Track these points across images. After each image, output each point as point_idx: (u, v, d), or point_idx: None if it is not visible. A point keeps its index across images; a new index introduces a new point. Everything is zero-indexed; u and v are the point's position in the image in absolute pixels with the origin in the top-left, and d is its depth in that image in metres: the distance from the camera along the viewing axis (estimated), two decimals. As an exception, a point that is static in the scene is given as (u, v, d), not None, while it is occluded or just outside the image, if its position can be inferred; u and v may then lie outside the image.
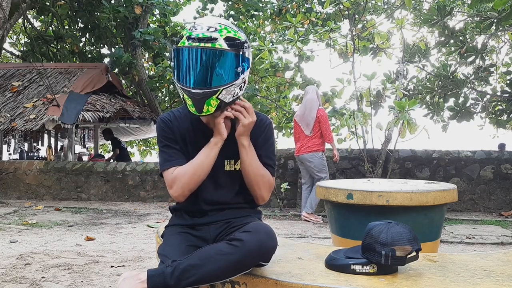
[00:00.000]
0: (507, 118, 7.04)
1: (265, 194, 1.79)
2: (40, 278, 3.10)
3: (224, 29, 1.63)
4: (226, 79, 1.63)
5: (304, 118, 5.71)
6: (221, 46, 1.60)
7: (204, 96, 1.62)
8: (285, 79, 10.76)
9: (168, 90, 11.92)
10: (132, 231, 5.03)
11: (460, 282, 1.52)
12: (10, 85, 9.52)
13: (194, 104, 1.65)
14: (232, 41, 1.63)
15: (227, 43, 1.61)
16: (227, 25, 1.66)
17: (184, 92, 1.65)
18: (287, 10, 10.81)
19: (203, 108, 1.65)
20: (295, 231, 5.08)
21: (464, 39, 6.37)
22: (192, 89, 1.62)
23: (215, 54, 1.61)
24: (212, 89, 1.62)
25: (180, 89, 1.66)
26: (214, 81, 1.62)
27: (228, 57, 1.62)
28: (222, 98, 1.65)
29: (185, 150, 1.78)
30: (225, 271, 1.52)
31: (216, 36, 1.60)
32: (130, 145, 17.33)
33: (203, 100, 1.63)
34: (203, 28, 1.61)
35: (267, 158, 1.80)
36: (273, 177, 1.82)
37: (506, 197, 6.50)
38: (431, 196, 2.70)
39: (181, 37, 1.65)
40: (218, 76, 1.62)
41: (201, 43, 1.59)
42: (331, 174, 6.74)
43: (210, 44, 1.59)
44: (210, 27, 1.62)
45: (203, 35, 1.60)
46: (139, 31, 9.87)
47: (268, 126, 1.84)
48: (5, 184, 7.91)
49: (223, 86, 1.63)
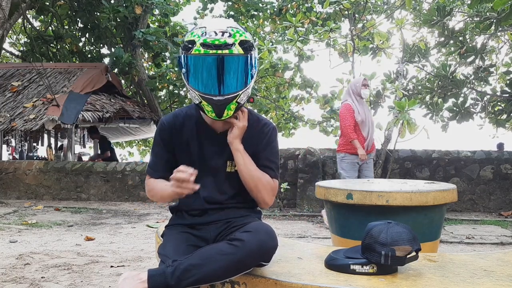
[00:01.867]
0: (506, 118, 7.04)
1: (267, 197, 1.77)
2: (40, 278, 3.10)
3: (237, 33, 1.63)
4: (244, 83, 1.66)
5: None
6: (238, 51, 1.62)
7: (225, 102, 1.64)
8: (285, 79, 10.77)
9: (168, 90, 11.92)
10: (132, 231, 5.03)
11: (459, 282, 1.52)
12: (10, 85, 9.51)
13: (214, 110, 1.66)
14: (245, 45, 1.64)
15: (241, 47, 1.62)
16: (237, 28, 1.66)
17: (203, 99, 1.65)
18: (287, 10, 10.80)
19: (223, 113, 1.67)
20: (295, 231, 5.08)
21: (464, 39, 6.37)
22: (214, 96, 1.63)
23: (234, 60, 1.62)
24: (233, 94, 1.64)
25: (198, 96, 1.66)
26: (234, 86, 1.64)
27: (244, 61, 1.64)
28: (239, 100, 1.68)
29: (189, 150, 1.80)
30: (226, 271, 1.53)
31: (231, 41, 1.61)
32: (130, 145, 17.32)
33: (224, 106, 1.65)
34: (217, 33, 1.60)
35: (268, 161, 1.80)
36: (276, 180, 1.80)
37: (506, 197, 6.50)
38: (431, 196, 2.70)
39: (191, 43, 1.63)
40: (238, 81, 1.65)
41: (219, 50, 1.59)
42: (330, 175, 6.75)
43: (227, 51, 1.60)
44: (223, 32, 1.61)
45: (219, 41, 1.59)
46: (141, 31, 9.87)
47: (271, 130, 1.84)
48: (4, 184, 7.91)
49: (242, 90, 1.66)
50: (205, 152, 1.80)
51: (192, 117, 1.82)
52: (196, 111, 1.82)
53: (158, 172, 1.82)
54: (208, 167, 1.79)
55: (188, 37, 1.66)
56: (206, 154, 1.80)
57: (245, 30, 1.70)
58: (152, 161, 1.85)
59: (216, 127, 1.80)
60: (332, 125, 9.71)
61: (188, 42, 1.65)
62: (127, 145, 17.29)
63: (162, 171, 1.81)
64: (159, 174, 1.82)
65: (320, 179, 6.48)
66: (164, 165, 1.82)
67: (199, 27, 1.67)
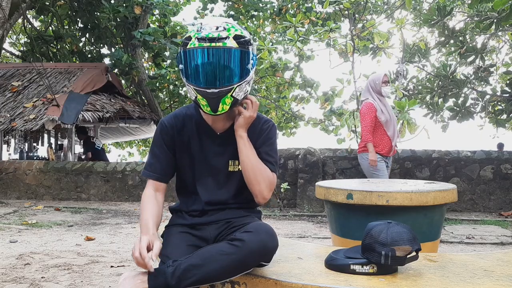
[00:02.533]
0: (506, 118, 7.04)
1: (265, 190, 1.74)
2: (40, 278, 3.10)
3: (232, 28, 1.65)
4: (239, 77, 1.66)
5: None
6: (232, 44, 1.62)
7: (219, 95, 1.64)
8: (285, 79, 10.77)
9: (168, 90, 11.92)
10: (132, 231, 5.03)
11: (460, 282, 1.52)
12: (10, 85, 9.52)
13: (209, 104, 1.66)
14: (240, 39, 1.65)
15: (236, 41, 1.63)
16: (233, 24, 1.68)
17: (198, 93, 1.66)
18: (287, 9, 10.80)
19: (218, 107, 1.67)
20: (295, 231, 5.08)
21: (464, 39, 6.37)
22: (207, 89, 1.63)
23: (227, 52, 1.62)
24: (227, 87, 1.64)
25: (194, 90, 1.66)
26: (228, 79, 1.64)
27: (239, 54, 1.64)
28: (235, 95, 1.68)
29: (189, 150, 1.80)
30: (226, 271, 1.53)
31: (225, 35, 1.62)
32: (130, 145, 17.32)
33: (219, 100, 1.65)
34: (211, 28, 1.62)
35: (267, 155, 1.80)
36: (274, 175, 1.79)
37: (506, 197, 6.50)
38: (431, 196, 2.70)
39: (188, 39, 1.65)
40: (232, 74, 1.65)
41: (212, 43, 1.61)
42: (330, 175, 6.75)
43: (221, 43, 1.61)
44: (218, 26, 1.63)
45: (212, 35, 1.61)
46: (139, 31, 9.87)
47: (271, 127, 1.84)
48: (5, 184, 7.91)
49: (236, 83, 1.66)
50: (206, 152, 1.80)
51: (192, 117, 1.82)
52: (196, 111, 1.82)
53: (155, 174, 1.80)
54: (209, 167, 1.79)
55: (186, 35, 1.69)
56: (207, 154, 1.80)
57: (243, 29, 1.71)
58: (150, 162, 1.83)
59: (217, 127, 1.80)
60: (333, 124, 9.70)
61: (185, 39, 1.67)
62: (127, 145, 17.29)
63: (159, 173, 1.80)
64: (155, 175, 1.80)
65: (320, 179, 6.48)
66: (161, 166, 1.81)
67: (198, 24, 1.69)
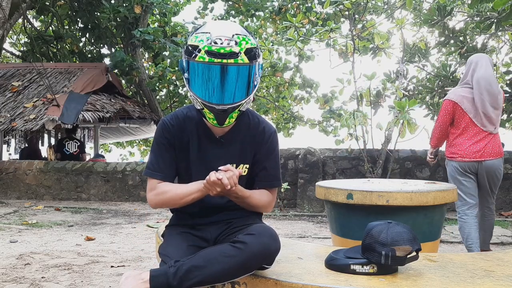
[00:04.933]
0: (507, 118, 7.04)
1: (265, 210, 1.86)
2: (40, 278, 3.10)
3: (243, 41, 1.60)
4: (248, 92, 1.65)
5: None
6: (243, 60, 1.59)
7: (228, 111, 1.63)
8: (284, 79, 10.76)
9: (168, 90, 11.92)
10: (132, 231, 5.03)
11: (460, 282, 1.52)
12: (10, 85, 9.51)
13: (216, 118, 1.65)
14: (251, 53, 1.61)
15: (247, 55, 1.59)
16: (244, 35, 1.62)
17: (205, 107, 1.64)
18: (287, 9, 10.79)
19: (225, 121, 1.67)
20: (295, 231, 5.08)
21: (464, 39, 6.36)
22: (217, 105, 1.61)
23: (239, 70, 1.59)
24: (237, 104, 1.63)
25: (201, 103, 1.64)
26: (238, 96, 1.63)
27: (249, 70, 1.62)
28: (242, 108, 1.67)
29: (188, 151, 1.80)
30: (228, 273, 1.53)
31: (237, 50, 1.57)
32: (131, 145, 17.31)
33: (227, 115, 1.64)
34: (222, 42, 1.56)
35: (273, 170, 1.82)
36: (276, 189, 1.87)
37: (506, 197, 6.50)
38: (431, 196, 2.70)
39: (195, 48, 1.59)
40: (242, 91, 1.63)
41: (224, 59, 1.56)
42: (331, 175, 6.74)
43: (233, 60, 1.57)
44: (229, 40, 1.57)
45: (224, 50, 1.56)
46: (139, 30, 9.86)
47: (272, 136, 1.83)
48: (5, 184, 7.91)
49: (245, 99, 1.65)
50: (205, 154, 1.80)
51: (193, 119, 1.80)
52: (196, 113, 1.81)
53: (159, 173, 1.77)
54: (207, 168, 1.78)
55: (192, 41, 1.62)
56: (206, 156, 1.80)
57: (251, 35, 1.67)
58: (152, 162, 1.79)
59: (216, 130, 1.79)
60: (332, 124, 9.68)
61: (192, 47, 1.60)
62: (128, 145, 17.29)
63: (163, 172, 1.77)
64: (160, 175, 1.77)
65: (320, 179, 6.47)
66: (165, 165, 1.78)
67: (203, 31, 1.62)
